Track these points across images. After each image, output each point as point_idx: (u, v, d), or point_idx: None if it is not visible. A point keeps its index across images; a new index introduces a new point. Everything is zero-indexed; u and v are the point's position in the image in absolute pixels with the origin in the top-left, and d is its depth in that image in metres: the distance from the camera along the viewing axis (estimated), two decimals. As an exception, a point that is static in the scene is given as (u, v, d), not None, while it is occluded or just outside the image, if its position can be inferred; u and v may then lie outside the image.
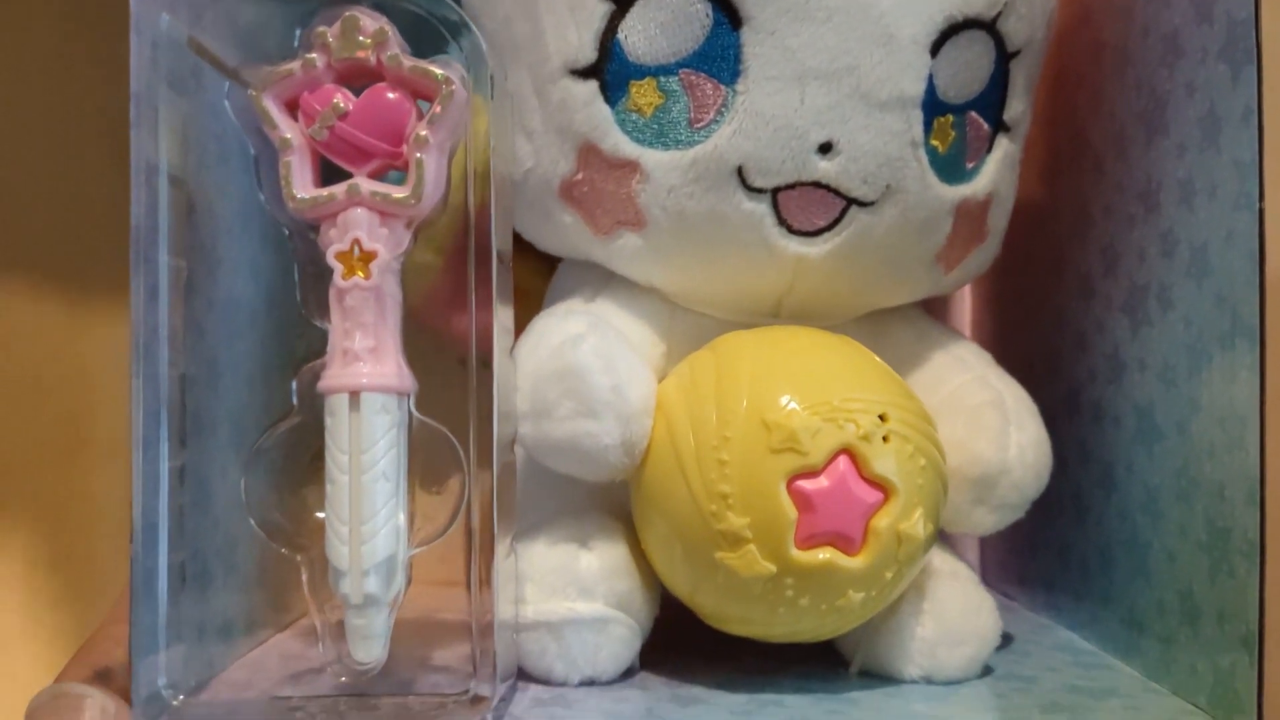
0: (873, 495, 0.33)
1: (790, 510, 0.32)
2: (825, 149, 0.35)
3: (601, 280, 0.39)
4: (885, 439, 0.33)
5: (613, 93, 0.36)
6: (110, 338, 0.57)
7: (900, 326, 0.40)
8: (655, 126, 0.35)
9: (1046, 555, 0.45)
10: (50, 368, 0.58)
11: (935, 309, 0.44)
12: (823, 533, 0.32)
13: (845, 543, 0.33)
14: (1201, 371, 0.34)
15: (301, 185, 0.32)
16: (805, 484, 0.32)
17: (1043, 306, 0.46)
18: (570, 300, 0.39)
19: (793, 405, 0.32)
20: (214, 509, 0.35)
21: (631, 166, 0.36)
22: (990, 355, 0.41)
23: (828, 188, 0.35)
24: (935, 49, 0.35)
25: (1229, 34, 0.32)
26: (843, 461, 0.33)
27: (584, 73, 0.36)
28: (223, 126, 0.34)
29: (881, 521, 0.33)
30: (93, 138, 0.54)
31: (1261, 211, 0.31)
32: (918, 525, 0.33)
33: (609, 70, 0.35)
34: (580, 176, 0.36)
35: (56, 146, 0.56)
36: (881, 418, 0.33)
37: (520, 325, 0.36)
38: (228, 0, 0.34)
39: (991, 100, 0.38)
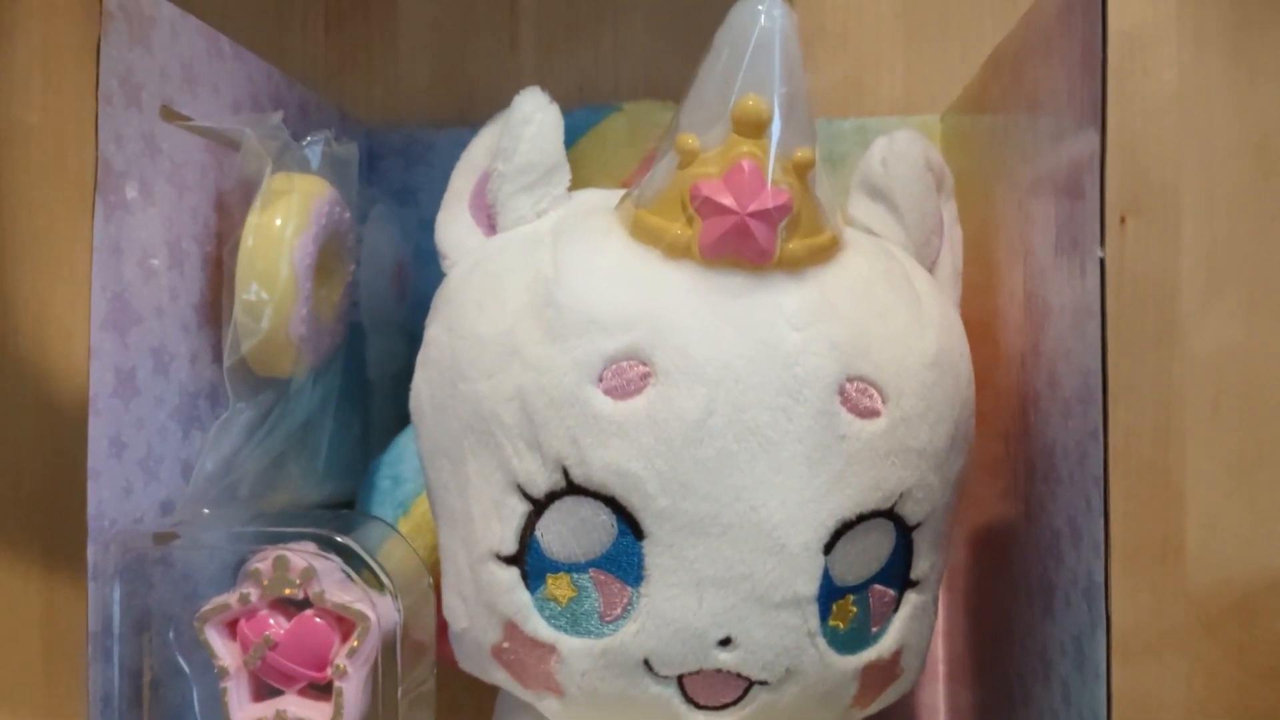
0: None
1: None
2: (725, 643, 0.37)
3: (538, 715, 0.42)
4: None
5: (532, 581, 0.39)
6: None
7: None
8: (570, 615, 0.38)
9: None
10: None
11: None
12: None
13: None
14: None
15: (237, 708, 0.36)
16: None
17: (985, 691, 0.47)
18: (510, 732, 0.42)
19: None
20: None
21: (549, 648, 0.39)
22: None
23: (729, 673, 0.38)
24: (829, 548, 0.37)
25: (1089, 582, 0.34)
26: None
27: (507, 560, 0.39)
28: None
29: None
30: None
31: None
32: None
33: (529, 561, 0.39)
34: (507, 645, 0.40)
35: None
36: None
37: None
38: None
39: (895, 569, 0.40)
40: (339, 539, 0.36)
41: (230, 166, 0.44)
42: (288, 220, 0.42)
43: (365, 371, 0.54)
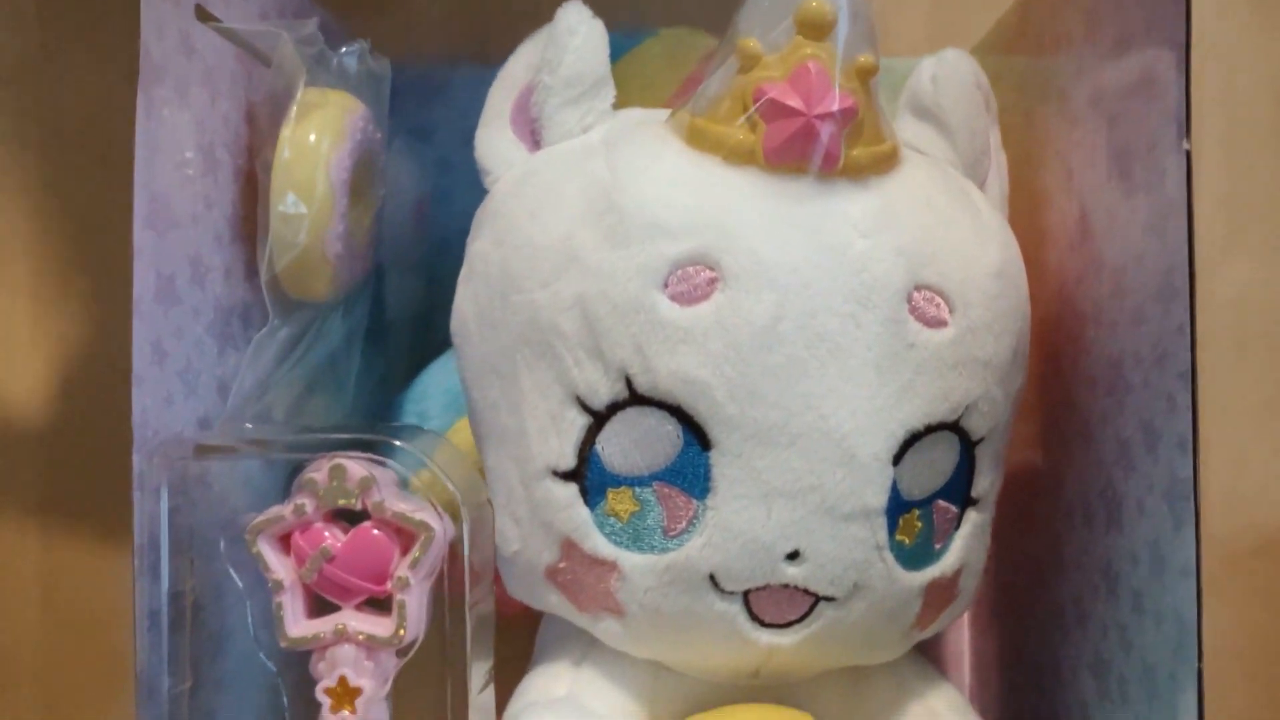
0: None
1: None
2: (793, 556, 0.36)
3: (588, 641, 0.41)
4: None
5: (592, 497, 0.38)
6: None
7: (880, 675, 0.42)
8: (631, 531, 0.37)
9: None
10: (93, 609, 0.61)
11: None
12: None
13: None
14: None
15: (294, 623, 0.34)
16: None
17: (1024, 625, 0.47)
18: (558, 662, 0.41)
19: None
20: None
21: (610, 565, 0.37)
22: (966, 702, 0.42)
23: (796, 588, 0.37)
24: (898, 459, 0.37)
25: (1171, 480, 0.34)
26: None
27: (565, 476, 0.38)
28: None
29: None
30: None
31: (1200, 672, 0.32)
32: None
33: (588, 477, 0.37)
34: (564, 565, 0.38)
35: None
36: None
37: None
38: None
39: (957, 485, 0.39)
40: (399, 443, 0.34)
41: (260, 80, 0.43)
42: (323, 134, 0.41)
43: (386, 312, 0.53)
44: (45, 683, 0.60)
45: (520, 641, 0.45)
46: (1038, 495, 0.45)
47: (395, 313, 0.53)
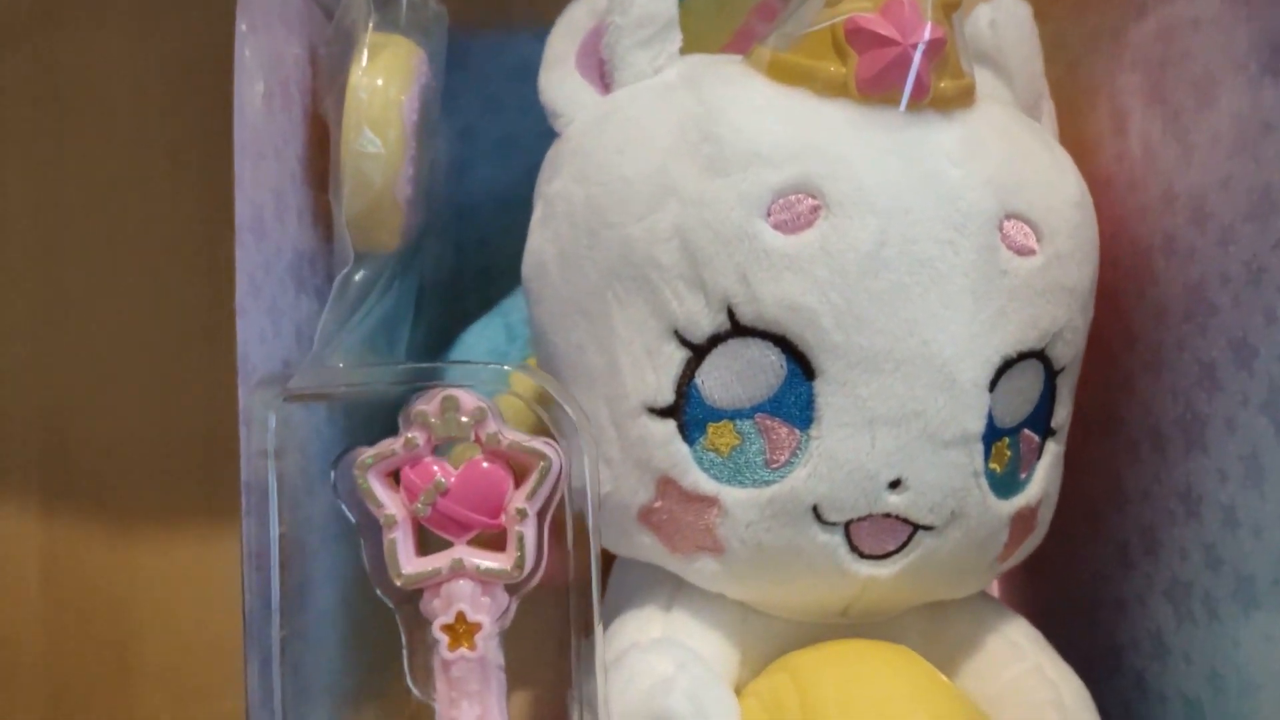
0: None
1: None
2: (895, 485, 0.37)
3: (674, 586, 0.40)
4: (967, 777, 0.35)
5: (691, 432, 0.37)
6: (154, 561, 0.58)
7: (957, 612, 0.42)
8: (732, 466, 0.37)
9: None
10: (96, 597, 0.58)
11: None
12: None
13: None
14: (1253, 695, 0.36)
15: (407, 560, 0.33)
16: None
17: (1078, 566, 0.48)
18: (646, 607, 0.40)
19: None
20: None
21: (710, 501, 0.37)
22: (1041, 635, 0.43)
23: (897, 517, 0.37)
24: (992, 385, 0.37)
25: (1271, 391, 0.35)
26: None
27: (662, 412, 0.37)
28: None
29: None
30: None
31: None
32: None
33: (687, 411, 0.37)
34: (659, 505, 0.38)
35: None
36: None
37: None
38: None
39: (1040, 415, 0.40)
40: (521, 369, 0.34)
41: (321, 24, 0.42)
42: (393, 76, 0.40)
43: (424, 276, 0.52)
44: (48, 668, 0.58)
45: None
46: (1091, 435, 0.46)
47: (430, 277, 0.52)
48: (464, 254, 0.58)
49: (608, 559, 0.43)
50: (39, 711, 0.58)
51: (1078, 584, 0.48)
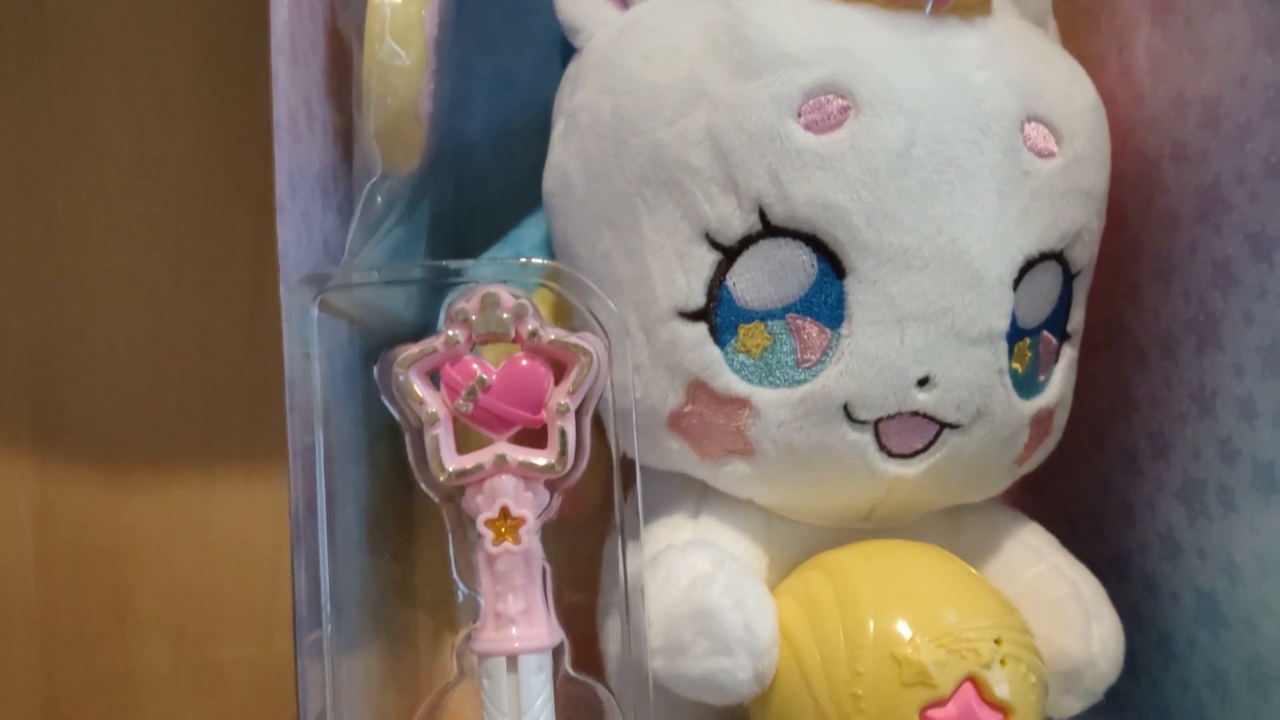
0: (994, 718, 0.35)
1: (926, 742, 0.34)
2: (923, 382, 0.37)
3: (699, 492, 0.41)
4: (1002, 662, 0.35)
5: (722, 335, 0.38)
6: (151, 507, 0.57)
7: (974, 517, 0.43)
8: (764, 366, 0.38)
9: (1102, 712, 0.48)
10: (91, 539, 0.57)
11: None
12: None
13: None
14: (1272, 577, 0.37)
15: (450, 457, 0.33)
16: (935, 713, 0.34)
17: (1084, 472, 0.49)
18: (674, 515, 0.41)
19: (920, 638, 0.35)
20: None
21: (741, 403, 0.38)
22: (1055, 538, 0.43)
23: (924, 415, 0.38)
24: (1016, 284, 0.38)
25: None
26: (967, 689, 0.35)
27: (693, 316, 0.38)
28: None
29: (1005, 744, 0.35)
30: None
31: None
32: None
33: (718, 314, 0.37)
34: (689, 409, 0.38)
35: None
36: (996, 641, 0.35)
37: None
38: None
39: (1058, 317, 0.41)
40: (555, 265, 0.34)
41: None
42: None
43: (434, 208, 0.51)
44: (43, 617, 0.57)
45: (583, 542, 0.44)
46: (1097, 347, 0.47)
47: (434, 211, 0.52)
48: (462, 191, 0.58)
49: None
50: (34, 660, 0.57)
51: (1083, 494, 0.49)
